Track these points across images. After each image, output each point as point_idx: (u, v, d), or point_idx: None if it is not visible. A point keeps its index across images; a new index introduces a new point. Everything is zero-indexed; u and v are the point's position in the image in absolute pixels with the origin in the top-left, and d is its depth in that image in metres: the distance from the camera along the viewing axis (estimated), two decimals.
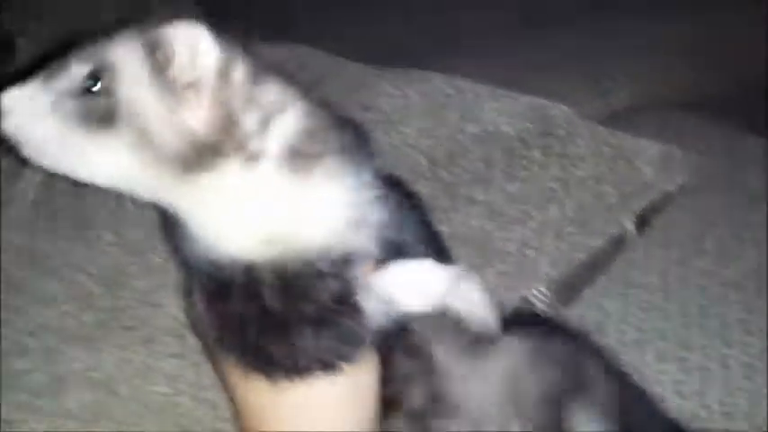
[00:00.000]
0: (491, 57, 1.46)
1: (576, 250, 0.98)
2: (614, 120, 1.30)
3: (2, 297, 0.89)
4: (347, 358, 0.72)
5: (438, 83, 1.15)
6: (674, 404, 0.89)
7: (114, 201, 0.98)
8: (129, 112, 0.65)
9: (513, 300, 0.93)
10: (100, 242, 0.97)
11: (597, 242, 0.99)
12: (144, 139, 0.65)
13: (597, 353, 0.85)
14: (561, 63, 1.47)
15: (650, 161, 1.03)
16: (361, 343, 0.72)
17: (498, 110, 1.09)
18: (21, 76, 0.68)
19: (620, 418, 0.80)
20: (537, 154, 1.04)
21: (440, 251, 0.83)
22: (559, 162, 1.03)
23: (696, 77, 1.53)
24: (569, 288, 0.98)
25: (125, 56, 0.67)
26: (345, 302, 0.71)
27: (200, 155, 0.66)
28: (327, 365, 0.71)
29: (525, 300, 0.95)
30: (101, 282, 0.93)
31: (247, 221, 0.69)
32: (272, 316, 0.70)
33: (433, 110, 1.11)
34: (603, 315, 1.00)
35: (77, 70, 0.66)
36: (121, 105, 0.66)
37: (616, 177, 1.02)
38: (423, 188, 0.93)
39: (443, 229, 0.88)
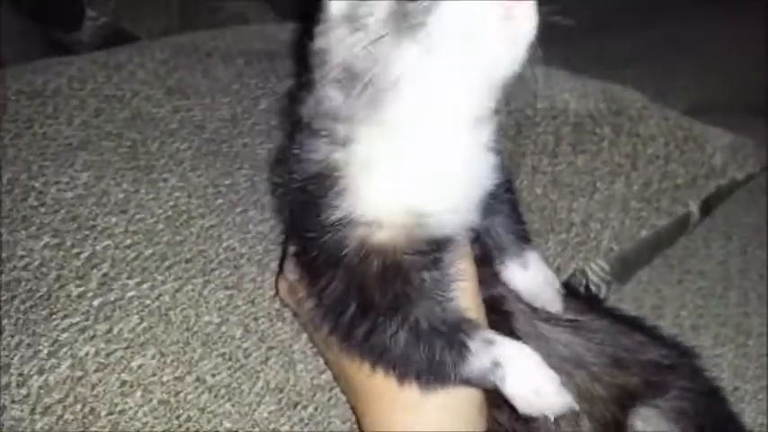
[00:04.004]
0: (556, 54, 1.46)
1: (640, 226, 0.96)
2: None
3: (63, 228, 0.90)
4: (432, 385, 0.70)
5: None
6: (733, 386, 0.86)
7: (178, 147, 1.00)
8: None
9: (568, 270, 0.92)
10: (165, 185, 0.98)
11: (662, 221, 0.97)
12: None
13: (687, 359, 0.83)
14: (628, 62, 1.46)
15: (721, 147, 1.01)
16: (449, 380, 0.70)
17: (570, 90, 1.08)
18: None
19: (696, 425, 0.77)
20: (607, 131, 1.02)
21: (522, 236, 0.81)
22: (629, 140, 1.02)
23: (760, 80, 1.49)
24: (628, 265, 0.96)
25: None
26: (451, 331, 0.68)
27: None
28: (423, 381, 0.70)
29: (581, 271, 0.94)
30: (163, 220, 0.94)
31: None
32: (371, 302, 0.69)
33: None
34: (660, 299, 0.98)
35: None
36: None
37: (685, 159, 1.00)
38: None
39: None
